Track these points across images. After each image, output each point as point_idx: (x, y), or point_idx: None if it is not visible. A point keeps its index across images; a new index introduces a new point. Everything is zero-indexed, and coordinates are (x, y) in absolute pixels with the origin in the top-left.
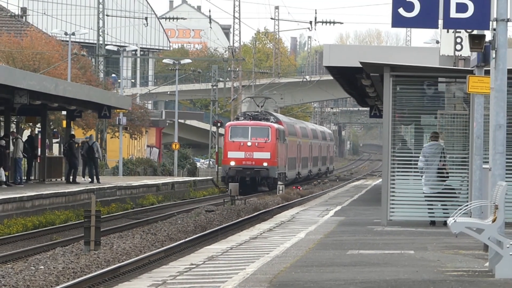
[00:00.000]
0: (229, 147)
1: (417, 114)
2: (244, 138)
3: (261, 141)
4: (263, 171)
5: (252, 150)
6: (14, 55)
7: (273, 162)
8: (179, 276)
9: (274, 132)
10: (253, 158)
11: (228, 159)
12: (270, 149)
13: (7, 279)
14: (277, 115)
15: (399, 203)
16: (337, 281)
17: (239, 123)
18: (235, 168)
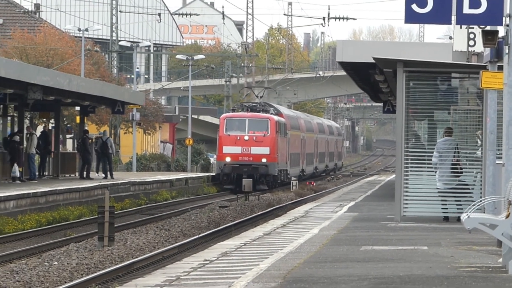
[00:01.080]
0: (224, 141)
1: (430, 110)
2: (241, 132)
3: (260, 135)
4: (261, 168)
5: (250, 144)
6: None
7: (273, 158)
8: (193, 272)
9: (273, 125)
10: (250, 154)
11: (223, 155)
12: (269, 143)
13: (21, 275)
14: (277, 107)
15: (413, 198)
16: (351, 277)
17: (235, 115)
18: (230, 164)
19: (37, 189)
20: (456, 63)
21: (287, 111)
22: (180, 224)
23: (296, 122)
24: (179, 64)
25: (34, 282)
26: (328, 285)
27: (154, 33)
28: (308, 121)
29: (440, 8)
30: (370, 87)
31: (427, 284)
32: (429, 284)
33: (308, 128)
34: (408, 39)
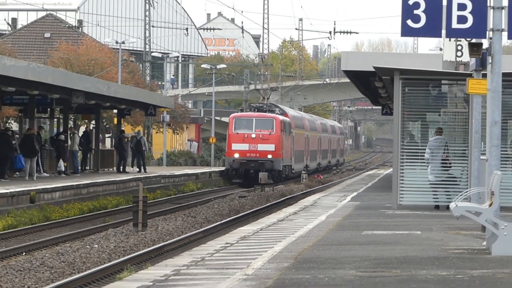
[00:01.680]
0: (233, 139)
1: (423, 112)
2: (248, 130)
3: (266, 133)
4: (267, 164)
5: (256, 142)
6: (71, 61)
7: (278, 155)
8: (216, 254)
9: (278, 124)
10: (257, 150)
11: (232, 151)
12: (274, 141)
13: (66, 256)
14: (283, 107)
15: (408, 189)
16: (354, 257)
17: (243, 114)
18: (239, 160)
19: (79, 181)
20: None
21: (292, 112)
22: (204, 212)
23: (300, 121)
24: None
25: (77, 263)
26: (334, 265)
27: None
28: (312, 121)
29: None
30: (370, 92)
31: (420, 264)
32: (422, 264)
33: (312, 127)
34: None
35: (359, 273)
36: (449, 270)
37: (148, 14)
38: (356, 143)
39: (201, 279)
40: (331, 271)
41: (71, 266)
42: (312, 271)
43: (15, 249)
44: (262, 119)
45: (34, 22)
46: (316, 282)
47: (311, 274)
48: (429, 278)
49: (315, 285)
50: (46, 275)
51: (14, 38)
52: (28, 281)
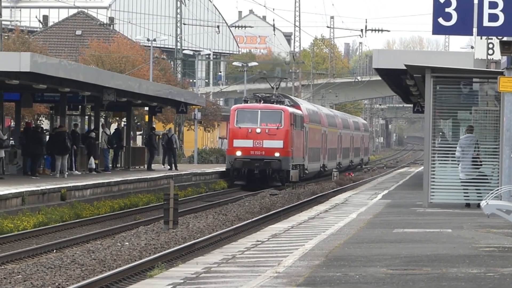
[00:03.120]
0: (235, 134)
1: (454, 110)
2: (253, 124)
3: (273, 127)
4: (274, 163)
5: (262, 138)
6: (103, 59)
7: (286, 152)
8: (247, 251)
9: (287, 117)
10: (262, 147)
11: (233, 149)
12: (282, 136)
13: (97, 253)
14: (295, 99)
15: (439, 187)
16: (384, 255)
17: (246, 106)
18: (241, 159)
19: (110, 179)
20: (477, 69)
21: (306, 104)
22: (235, 209)
23: (316, 115)
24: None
25: (108, 260)
26: (364, 263)
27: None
28: (331, 115)
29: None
30: (402, 90)
31: (451, 262)
32: (453, 262)
33: (331, 122)
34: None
35: (390, 271)
36: (480, 268)
37: (179, 11)
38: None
39: (232, 276)
40: (362, 269)
41: (102, 263)
42: (343, 269)
43: (46, 246)
44: (269, 111)
45: (66, 20)
46: (346, 280)
47: (342, 272)
48: (460, 276)
49: (346, 283)
50: (77, 272)
51: (46, 36)
52: (59, 279)
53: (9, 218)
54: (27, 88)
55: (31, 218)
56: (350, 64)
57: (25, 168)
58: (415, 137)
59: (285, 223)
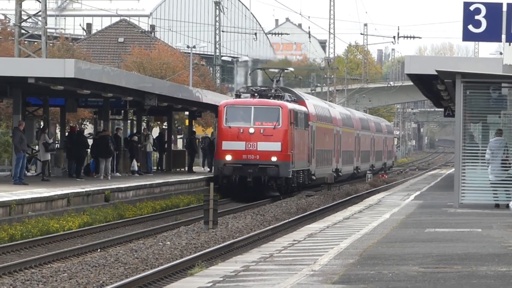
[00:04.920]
0: (224, 135)
1: (483, 114)
2: (245, 123)
3: (269, 127)
4: (270, 169)
5: (256, 139)
6: (144, 65)
7: (285, 156)
8: (284, 250)
9: (286, 114)
10: (257, 151)
11: (222, 152)
12: (280, 137)
13: (139, 252)
14: (300, 93)
15: (469, 189)
16: (417, 254)
17: (238, 101)
18: (231, 164)
19: (152, 181)
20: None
21: (312, 100)
22: (273, 210)
23: (327, 113)
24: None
25: (150, 259)
26: (397, 261)
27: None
28: (346, 114)
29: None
30: (433, 95)
31: (481, 260)
32: (483, 261)
33: (346, 122)
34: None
35: (422, 269)
36: (509, 266)
37: (218, 19)
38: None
39: (269, 274)
40: (395, 267)
41: (144, 262)
42: (376, 267)
43: (90, 246)
44: (264, 107)
45: (108, 27)
46: (380, 278)
47: (376, 270)
48: (489, 274)
49: (380, 281)
50: (120, 270)
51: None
52: (103, 277)
53: (55, 218)
54: (71, 93)
55: (76, 218)
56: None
57: (70, 171)
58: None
59: (320, 223)
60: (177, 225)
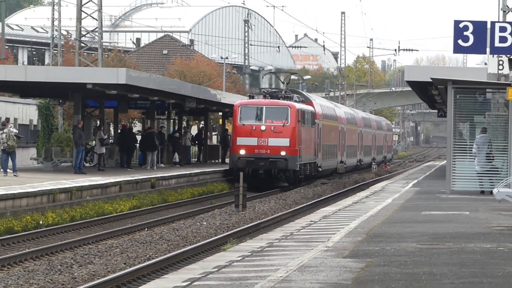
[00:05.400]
0: (239, 132)
1: (471, 115)
2: (257, 121)
3: (278, 125)
4: (280, 162)
5: (267, 135)
6: (185, 73)
7: (293, 151)
8: (302, 230)
9: (294, 113)
10: (267, 146)
11: (237, 147)
12: (289, 134)
13: (180, 231)
14: (308, 94)
15: (459, 177)
16: (414, 233)
17: (251, 102)
18: (245, 158)
19: (191, 170)
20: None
21: (319, 100)
22: (293, 195)
23: (332, 112)
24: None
25: (189, 237)
26: (398, 239)
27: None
28: (350, 113)
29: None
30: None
31: (469, 238)
32: (471, 239)
33: (350, 120)
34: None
35: (419, 246)
36: (492, 243)
37: (247, 34)
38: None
39: (290, 250)
40: (396, 244)
41: (184, 239)
42: (380, 244)
43: (139, 225)
44: (274, 107)
45: (154, 42)
46: (384, 253)
47: (380, 246)
48: (476, 250)
49: (383, 255)
50: (164, 246)
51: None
52: (149, 252)
53: (109, 202)
54: (123, 97)
55: (126, 202)
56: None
57: (121, 162)
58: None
59: (333, 206)
60: (212, 208)
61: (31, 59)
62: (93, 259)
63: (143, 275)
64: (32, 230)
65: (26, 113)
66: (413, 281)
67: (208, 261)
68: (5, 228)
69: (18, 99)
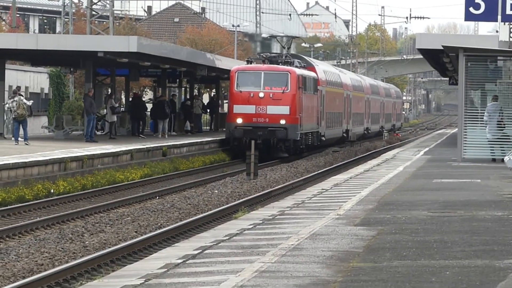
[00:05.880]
0: (236, 99)
1: (482, 82)
2: (255, 87)
3: (277, 91)
4: (279, 132)
5: (265, 103)
6: (196, 41)
7: (294, 119)
8: (313, 198)
9: (294, 79)
10: (266, 114)
11: (233, 115)
12: (288, 101)
13: (191, 199)
14: (310, 60)
15: (470, 145)
16: (426, 201)
17: (248, 67)
18: (242, 127)
19: (202, 138)
20: (501, 49)
21: (323, 66)
22: (304, 164)
23: (337, 78)
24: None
25: (200, 205)
26: (409, 207)
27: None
28: (356, 79)
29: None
30: (439, 66)
31: (480, 206)
32: (482, 206)
33: (356, 87)
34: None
35: (430, 214)
36: (504, 211)
37: (258, 2)
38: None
39: (301, 218)
40: (407, 212)
41: (195, 207)
42: (392, 211)
43: (150, 194)
44: (273, 72)
45: (166, 9)
46: (395, 221)
47: (391, 214)
48: (487, 218)
49: (394, 223)
50: (175, 215)
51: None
52: (161, 220)
53: (120, 171)
54: (134, 65)
55: (138, 170)
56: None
57: (133, 130)
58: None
59: (345, 174)
60: (223, 176)
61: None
62: (104, 228)
63: (154, 243)
64: (43, 198)
65: (37, 81)
66: (424, 249)
67: (220, 229)
68: (16, 197)
69: (29, 67)
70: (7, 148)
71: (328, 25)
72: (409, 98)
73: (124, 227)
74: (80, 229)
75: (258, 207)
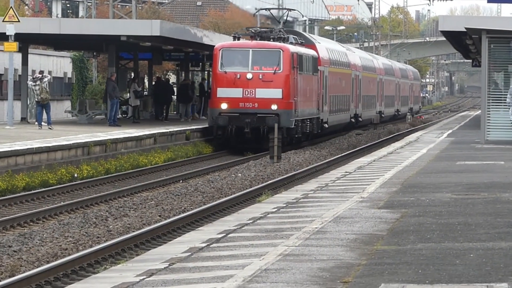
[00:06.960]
0: (220, 81)
1: (505, 64)
2: (242, 68)
3: (268, 72)
4: (270, 118)
5: (254, 85)
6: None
7: (287, 104)
8: (337, 181)
9: (288, 58)
10: (255, 99)
11: (217, 100)
12: (281, 83)
13: (215, 183)
14: (309, 36)
15: (493, 127)
16: (449, 183)
17: (234, 44)
18: (227, 113)
19: None
20: None
21: (326, 43)
22: (328, 147)
23: (343, 58)
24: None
25: (224, 188)
26: (433, 189)
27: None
28: (367, 59)
29: None
30: (462, 48)
31: (503, 188)
32: (505, 188)
33: (367, 67)
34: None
35: (454, 196)
36: None
37: None
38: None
39: (325, 201)
40: (431, 194)
41: (219, 191)
42: (415, 194)
43: (174, 177)
44: (263, 50)
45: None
46: (418, 203)
47: (415, 196)
48: (511, 200)
49: (418, 206)
50: (199, 198)
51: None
52: (184, 204)
53: (144, 155)
54: (157, 49)
55: (161, 154)
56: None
57: (156, 114)
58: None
59: (368, 157)
60: (247, 159)
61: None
62: (128, 212)
63: (178, 227)
64: (67, 183)
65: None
66: (448, 231)
67: (243, 213)
68: (40, 181)
69: (52, 52)
70: (30, 132)
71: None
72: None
73: (148, 211)
74: (104, 213)
75: (281, 190)
